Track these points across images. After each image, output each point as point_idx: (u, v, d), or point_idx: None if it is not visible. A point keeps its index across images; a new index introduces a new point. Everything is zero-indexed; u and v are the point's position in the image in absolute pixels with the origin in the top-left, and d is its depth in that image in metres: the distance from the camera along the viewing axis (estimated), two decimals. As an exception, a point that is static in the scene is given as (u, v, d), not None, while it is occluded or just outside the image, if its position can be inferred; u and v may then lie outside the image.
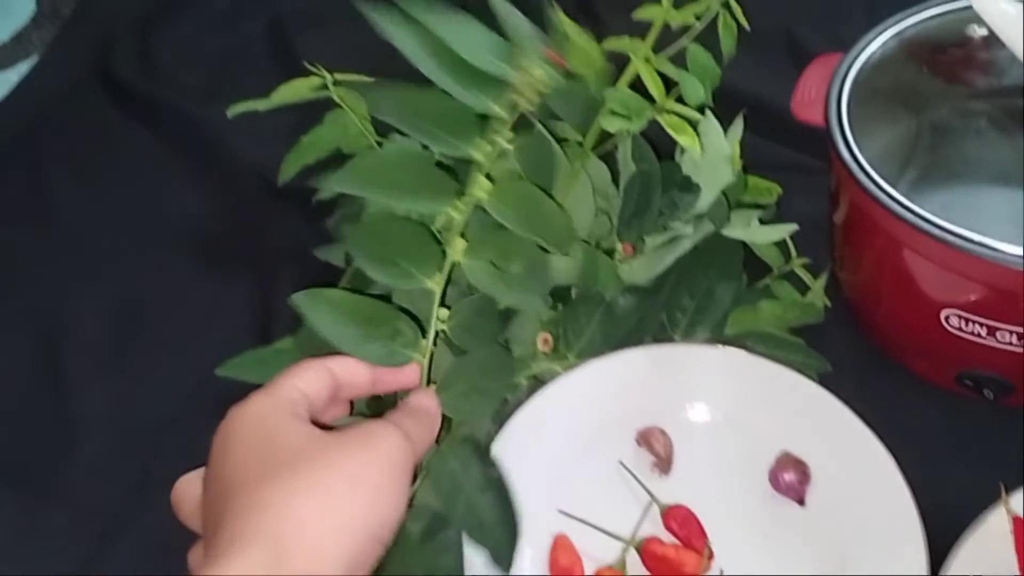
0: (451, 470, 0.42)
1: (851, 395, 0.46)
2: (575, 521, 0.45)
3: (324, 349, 0.42)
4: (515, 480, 0.44)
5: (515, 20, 0.47)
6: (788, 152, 0.61)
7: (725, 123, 0.52)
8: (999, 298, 0.44)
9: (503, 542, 0.41)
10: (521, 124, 0.46)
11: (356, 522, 0.34)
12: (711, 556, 0.44)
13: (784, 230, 0.52)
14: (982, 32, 0.49)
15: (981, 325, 0.44)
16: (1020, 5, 0.46)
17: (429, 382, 0.43)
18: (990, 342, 0.45)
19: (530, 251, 0.45)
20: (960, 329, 0.45)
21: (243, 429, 0.37)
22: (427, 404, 0.41)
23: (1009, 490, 0.43)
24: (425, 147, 0.46)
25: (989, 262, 0.42)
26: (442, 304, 0.44)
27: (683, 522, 0.45)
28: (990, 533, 0.43)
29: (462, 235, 0.44)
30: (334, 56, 0.56)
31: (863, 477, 0.44)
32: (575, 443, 0.47)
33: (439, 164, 0.46)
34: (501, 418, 0.46)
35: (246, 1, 0.74)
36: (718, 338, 0.50)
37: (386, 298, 0.45)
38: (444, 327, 0.44)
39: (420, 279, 0.43)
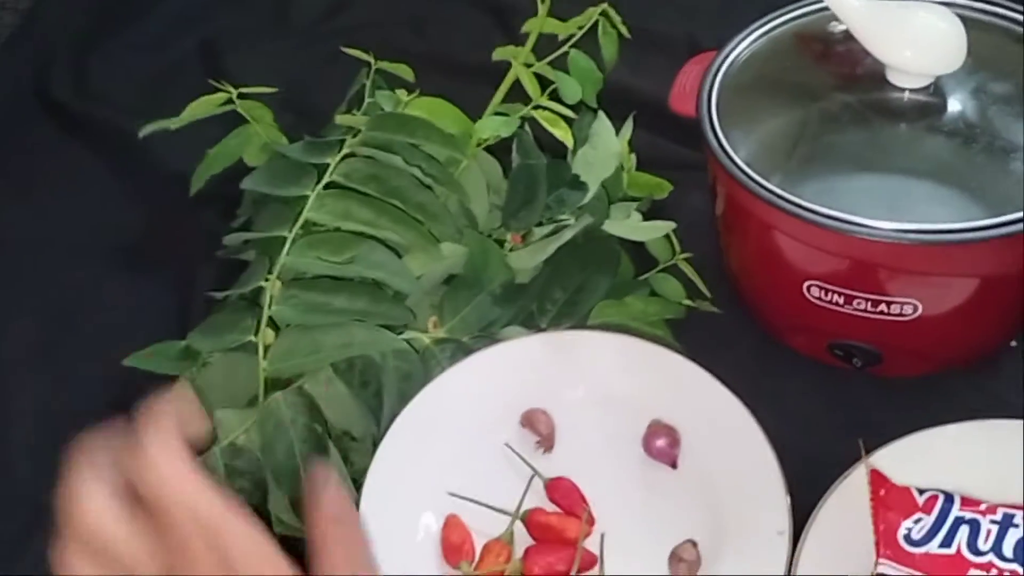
0: (280, 418, 0.45)
1: (738, 372, 0.49)
2: (466, 502, 0.47)
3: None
4: (409, 468, 0.47)
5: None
6: (685, 151, 0.64)
7: (621, 123, 0.56)
8: (851, 267, 0.46)
9: None
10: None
11: None
12: (591, 521, 0.47)
13: (663, 227, 0.55)
14: (842, 27, 0.52)
15: (838, 294, 0.47)
16: (865, -1, 0.49)
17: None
18: (848, 310, 0.48)
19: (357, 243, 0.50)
20: (821, 299, 0.48)
21: None
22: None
23: (871, 449, 0.46)
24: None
25: (835, 233, 0.45)
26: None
27: (564, 492, 0.48)
28: (853, 487, 0.45)
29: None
30: (261, 73, 0.60)
31: (730, 440, 0.47)
32: (464, 429, 0.49)
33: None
34: (377, 414, 0.49)
35: (179, 22, 0.77)
36: (581, 329, 0.52)
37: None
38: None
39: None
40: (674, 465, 0.48)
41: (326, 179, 0.52)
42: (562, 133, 0.52)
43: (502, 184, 0.56)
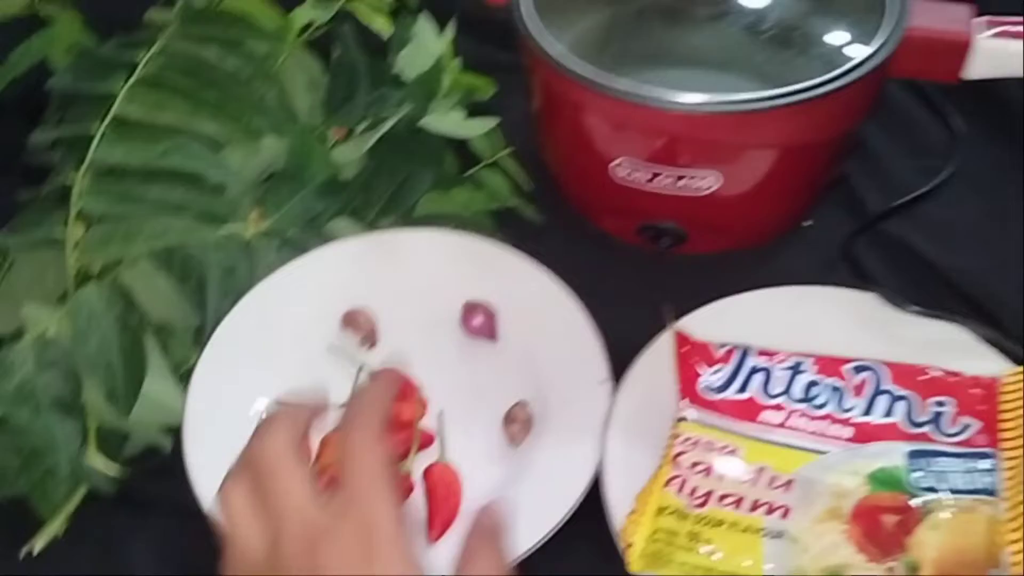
0: (92, 308, 0.44)
1: (555, 257, 0.51)
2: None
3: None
4: (235, 373, 0.47)
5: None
6: (509, 56, 0.66)
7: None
8: (654, 142, 0.49)
9: (125, 385, 0.44)
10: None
11: None
12: (424, 403, 0.48)
13: (486, 124, 0.56)
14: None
15: (643, 171, 0.50)
16: None
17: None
18: (653, 188, 0.51)
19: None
20: (627, 178, 0.51)
21: None
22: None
23: (676, 317, 0.50)
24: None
25: (638, 106, 0.47)
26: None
27: (393, 379, 0.49)
28: (661, 349, 0.49)
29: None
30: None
31: (544, 310, 0.49)
32: (291, 331, 0.50)
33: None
34: (201, 307, 0.48)
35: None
36: (407, 221, 0.54)
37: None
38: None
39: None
40: (493, 337, 0.50)
41: (137, 73, 0.50)
42: (380, 23, 0.52)
43: (323, 82, 0.56)
